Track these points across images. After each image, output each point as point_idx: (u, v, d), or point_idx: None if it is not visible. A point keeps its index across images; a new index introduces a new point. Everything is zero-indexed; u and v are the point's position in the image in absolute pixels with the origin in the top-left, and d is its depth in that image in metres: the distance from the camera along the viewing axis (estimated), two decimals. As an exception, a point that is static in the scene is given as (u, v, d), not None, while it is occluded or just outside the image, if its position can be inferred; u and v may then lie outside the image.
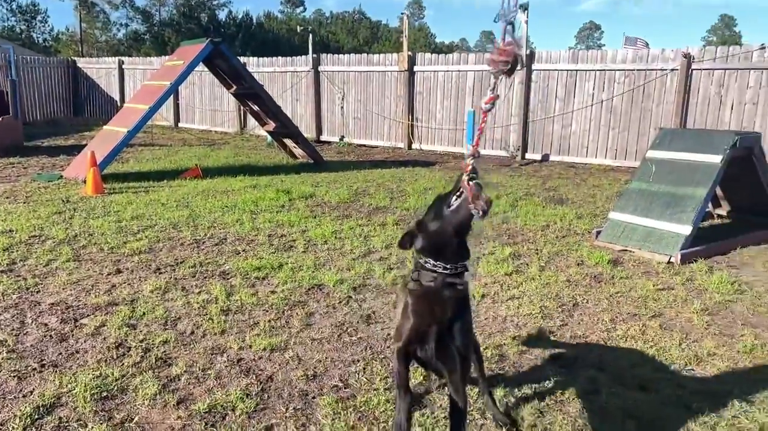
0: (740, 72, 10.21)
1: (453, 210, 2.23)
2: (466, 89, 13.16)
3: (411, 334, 2.28)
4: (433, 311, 2.26)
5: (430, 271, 2.26)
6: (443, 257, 2.25)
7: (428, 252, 2.28)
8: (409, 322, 2.30)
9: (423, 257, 2.30)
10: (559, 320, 3.94)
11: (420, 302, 2.30)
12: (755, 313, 4.11)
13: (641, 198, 5.86)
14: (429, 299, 2.27)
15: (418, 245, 2.33)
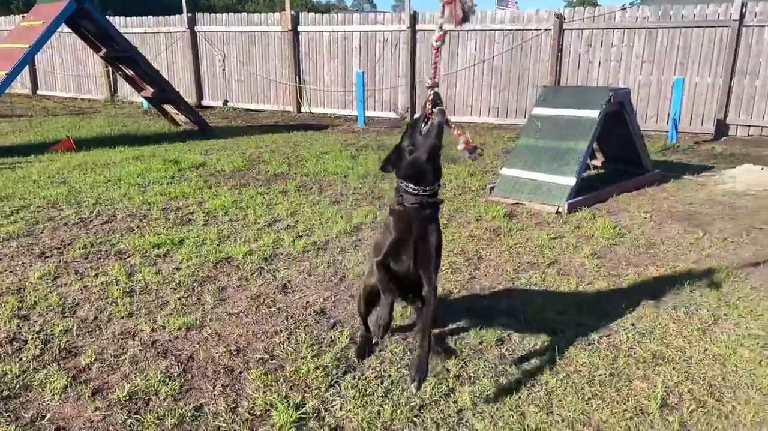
0: (605, 32, 10.99)
1: (424, 135, 2.52)
2: (352, 51, 13.04)
3: (390, 246, 2.64)
4: (412, 225, 2.61)
5: (412, 194, 2.59)
6: (422, 181, 2.57)
7: (409, 178, 2.60)
8: (390, 236, 2.65)
9: (404, 182, 2.61)
10: (467, 274, 4.13)
11: (401, 219, 2.63)
12: (635, 254, 4.56)
13: (529, 154, 6.22)
14: (410, 216, 2.60)
15: (400, 173, 2.63)
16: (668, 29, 10.49)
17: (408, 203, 2.60)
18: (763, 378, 2.82)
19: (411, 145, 2.56)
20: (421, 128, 2.54)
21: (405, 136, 2.62)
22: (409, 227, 2.60)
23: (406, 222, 2.61)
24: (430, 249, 2.64)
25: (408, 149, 2.58)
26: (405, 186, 2.60)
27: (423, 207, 2.60)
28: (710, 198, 6.19)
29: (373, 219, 5.35)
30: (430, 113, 2.52)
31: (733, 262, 4.35)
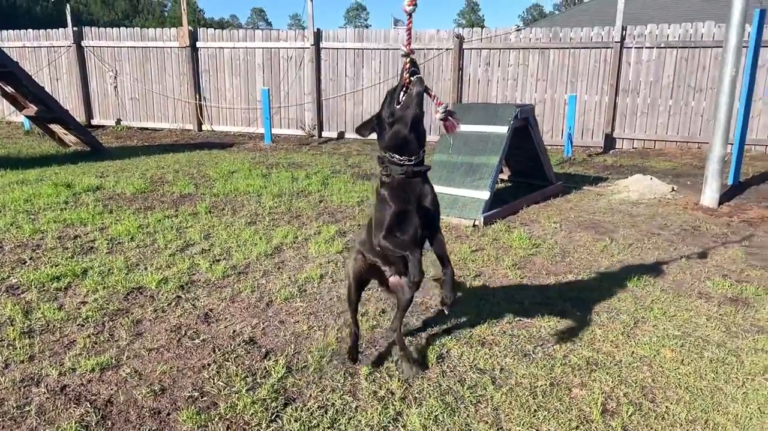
0: (502, 51, 11.54)
1: (404, 105, 2.50)
2: (255, 67, 12.77)
3: (392, 219, 2.58)
4: (408, 194, 2.60)
5: (397, 165, 2.58)
6: (406, 151, 2.56)
7: (393, 149, 2.57)
8: (390, 208, 2.59)
9: (389, 153, 2.59)
10: (398, 292, 4.07)
11: (396, 190, 2.60)
12: (553, 263, 4.73)
13: (444, 169, 6.33)
14: (403, 186, 2.59)
15: (383, 144, 2.61)
16: (559, 50, 11.18)
17: (395, 174, 2.58)
18: (687, 377, 2.98)
19: (390, 116, 2.53)
20: (399, 97, 2.51)
21: (384, 105, 2.59)
22: (406, 195, 2.59)
23: (400, 192, 2.59)
24: (430, 209, 2.68)
25: (388, 120, 2.54)
26: (390, 156, 2.58)
27: (410, 176, 2.59)
28: (610, 207, 6.59)
29: (294, 239, 5.18)
30: (407, 82, 2.48)
31: (640, 266, 4.62)
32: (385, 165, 2.63)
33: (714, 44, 10.39)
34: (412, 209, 2.60)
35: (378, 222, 2.64)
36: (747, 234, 5.56)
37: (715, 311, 3.79)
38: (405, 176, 2.58)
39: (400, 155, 2.56)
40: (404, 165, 2.58)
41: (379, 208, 2.66)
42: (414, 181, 2.61)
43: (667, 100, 10.83)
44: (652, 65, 10.79)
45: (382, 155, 2.65)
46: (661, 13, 16.09)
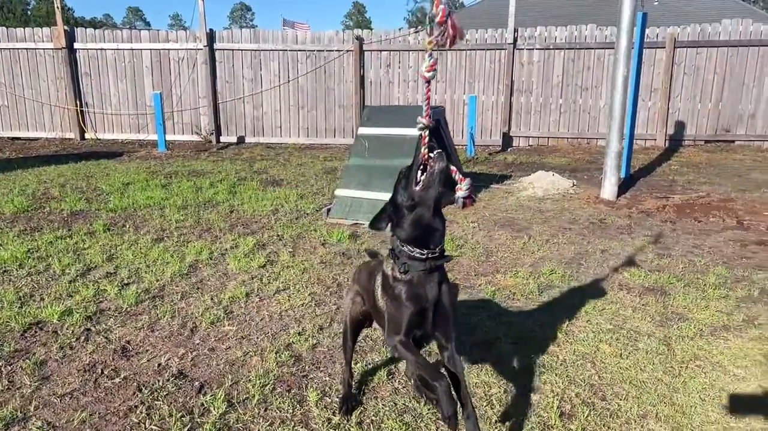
0: (401, 53, 11.62)
1: (424, 186, 2.13)
2: (143, 70, 11.95)
3: (411, 320, 2.24)
4: (426, 293, 2.24)
5: (418, 260, 2.21)
6: (431, 241, 2.21)
7: (414, 240, 2.20)
8: (406, 310, 2.24)
9: (407, 247, 2.22)
10: (333, 304, 3.89)
11: (413, 288, 2.24)
12: (479, 263, 4.76)
13: (361, 173, 6.20)
14: (422, 284, 2.24)
15: (403, 235, 2.22)
16: (456, 51, 11.44)
17: (415, 271, 2.20)
18: (629, 371, 3.06)
19: (410, 199, 2.15)
20: (416, 177, 2.15)
21: (399, 188, 2.23)
22: (424, 295, 2.23)
23: (419, 292, 2.23)
24: (448, 312, 2.29)
25: (407, 204, 2.17)
26: (409, 251, 2.19)
27: (432, 271, 2.22)
28: (520, 204, 6.79)
29: (210, 255, 4.83)
30: (426, 159, 2.13)
31: (561, 262, 4.77)
32: (401, 262, 2.22)
33: (597, 46, 11.09)
34: (429, 307, 2.24)
35: (393, 322, 2.28)
36: (648, 224, 5.93)
37: (638, 301, 3.96)
38: (425, 272, 2.21)
39: (422, 247, 2.18)
40: (427, 259, 2.19)
41: (391, 305, 2.28)
42: (436, 278, 2.25)
43: (557, 99, 11.43)
44: (543, 66, 11.34)
45: (398, 248, 2.23)
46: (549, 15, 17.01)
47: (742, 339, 3.40)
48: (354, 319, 2.72)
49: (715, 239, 5.43)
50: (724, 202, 6.88)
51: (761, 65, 10.82)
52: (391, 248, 2.30)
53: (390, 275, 2.29)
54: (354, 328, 2.75)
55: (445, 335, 2.31)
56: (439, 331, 2.30)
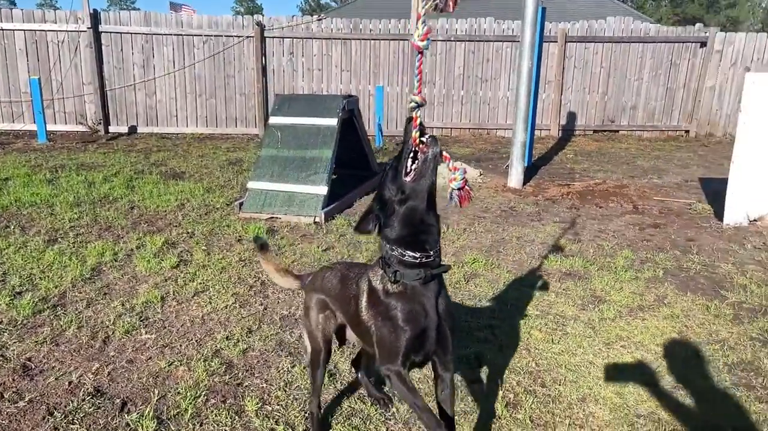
0: (305, 41, 11.34)
1: (416, 176, 1.84)
2: (16, 53, 10.76)
3: (409, 346, 1.93)
4: (426, 309, 1.93)
5: (411, 266, 1.89)
6: (426, 241, 1.89)
7: (406, 241, 1.88)
8: (403, 333, 1.91)
9: (397, 249, 1.89)
10: (259, 305, 3.68)
11: (409, 304, 1.92)
12: (403, 255, 4.72)
13: (275, 164, 5.96)
14: (419, 298, 1.92)
15: (393, 236, 1.89)
16: (360, 41, 11.35)
17: (409, 280, 1.89)
18: (562, 356, 3.15)
19: (400, 192, 1.86)
20: (407, 166, 1.85)
21: (386, 182, 1.92)
22: (423, 312, 1.92)
23: (416, 309, 1.91)
24: (447, 332, 1.99)
25: (397, 198, 1.87)
26: (400, 255, 1.88)
27: (429, 280, 1.91)
28: (434, 194, 6.85)
29: (114, 257, 4.41)
30: (417, 144, 1.83)
31: (481, 250, 4.85)
32: (392, 265, 1.91)
33: (495, 38, 11.45)
34: (429, 326, 1.93)
35: (386, 347, 1.95)
36: (555, 211, 6.19)
37: (559, 286, 4.11)
38: (422, 282, 1.90)
39: (414, 250, 1.87)
40: (422, 265, 1.88)
41: (383, 327, 1.95)
42: (435, 289, 1.94)
43: (459, 90, 11.68)
44: (445, 57, 11.53)
45: (387, 253, 1.91)
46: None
47: (657, 318, 3.62)
48: (327, 339, 2.35)
49: (616, 223, 5.77)
50: (619, 188, 7.35)
51: (641, 61, 11.68)
52: (381, 257, 1.97)
53: (380, 288, 1.97)
54: (327, 350, 2.36)
55: (443, 362, 2.03)
56: (437, 356, 2.01)
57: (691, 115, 11.80)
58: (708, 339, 3.34)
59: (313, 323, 2.37)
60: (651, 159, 9.45)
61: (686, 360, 3.12)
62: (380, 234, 1.95)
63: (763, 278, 4.31)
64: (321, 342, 2.35)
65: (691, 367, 3.04)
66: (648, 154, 9.94)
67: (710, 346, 3.26)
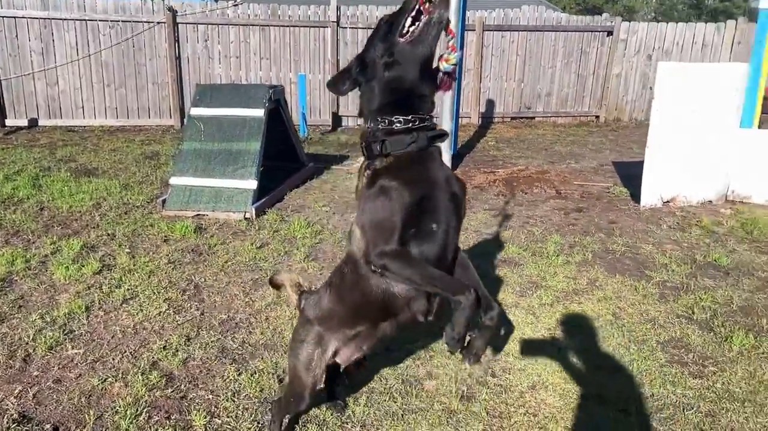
0: (221, 27, 10.88)
1: (415, 39, 1.63)
2: None
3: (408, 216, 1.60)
4: (428, 175, 1.65)
5: (402, 131, 1.66)
6: (419, 106, 1.69)
7: (394, 106, 1.67)
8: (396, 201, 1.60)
9: (384, 117, 1.68)
10: (195, 310, 3.49)
11: (404, 170, 1.64)
12: (342, 249, 4.64)
13: (198, 159, 5.67)
14: (416, 167, 1.66)
15: (373, 105, 1.68)
16: (279, 27, 11.03)
17: (398, 149, 1.65)
18: (508, 344, 3.20)
19: (388, 54, 1.65)
20: (404, 25, 1.65)
21: (375, 40, 1.71)
22: (423, 177, 1.65)
23: (411, 172, 1.64)
24: (460, 205, 1.74)
25: (383, 61, 1.66)
26: (387, 124, 1.67)
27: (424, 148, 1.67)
28: (365, 184, 6.79)
29: (26, 265, 4.04)
30: (423, 3, 1.62)
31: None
32: (377, 140, 1.69)
33: (415, 27, 11.48)
34: (439, 193, 1.65)
35: (377, 227, 1.65)
36: (484, 198, 6.31)
37: (497, 273, 4.18)
38: (417, 150, 1.67)
39: (405, 112, 1.66)
40: (413, 130, 1.66)
41: (373, 207, 1.67)
42: (431, 154, 1.71)
43: (382, 79, 11.64)
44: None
45: (371, 124, 1.71)
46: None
47: (592, 301, 3.76)
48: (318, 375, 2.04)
49: (542, 209, 5.96)
50: (541, 174, 7.60)
51: (554, 49, 12.12)
52: (364, 129, 1.73)
53: (367, 176, 1.71)
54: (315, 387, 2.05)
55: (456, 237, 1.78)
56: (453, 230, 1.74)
57: (600, 101, 12.39)
58: (640, 319, 3.51)
59: (303, 358, 2.05)
60: (567, 144, 9.85)
61: (624, 341, 3.25)
62: (363, 99, 1.76)
63: (681, 256, 4.59)
64: (315, 379, 2.04)
65: (629, 348, 3.18)
66: (564, 139, 10.35)
67: (643, 326, 3.43)
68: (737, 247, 4.81)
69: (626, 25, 12.20)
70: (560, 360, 3.03)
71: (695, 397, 2.74)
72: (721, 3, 43.25)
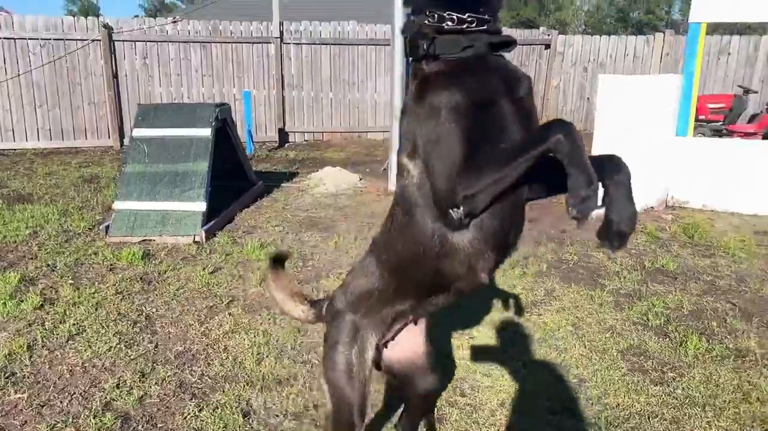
0: (160, 44, 10.59)
1: None
2: None
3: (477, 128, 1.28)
4: (490, 78, 1.32)
5: (454, 32, 1.33)
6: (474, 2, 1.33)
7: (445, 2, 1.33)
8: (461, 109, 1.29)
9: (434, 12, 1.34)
10: (148, 343, 3.32)
11: (463, 74, 1.31)
12: (299, 270, 4.54)
13: (143, 181, 5.45)
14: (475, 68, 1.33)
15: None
16: (221, 44, 10.84)
17: (448, 51, 1.35)
18: (474, 361, 3.18)
19: None
20: None
21: None
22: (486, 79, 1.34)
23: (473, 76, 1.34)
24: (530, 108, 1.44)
25: None
26: (437, 21, 1.36)
27: (482, 53, 1.37)
28: (317, 202, 6.71)
29: (-43, 303, 3.74)
30: None
31: (376, 258, 4.80)
32: (425, 37, 1.39)
33: (359, 42, 11.51)
34: (506, 101, 1.35)
35: (440, 158, 1.34)
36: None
37: (457, 289, 4.17)
38: (475, 56, 1.36)
39: (461, 9, 1.34)
40: (473, 32, 1.35)
41: (432, 131, 1.35)
42: (495, 59, 1.41)
43: (328, 94, 11.59)
44: (311, 61, 11.38)
45: (419, 26, 1.40)
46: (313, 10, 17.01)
47: (551, 313, 3.80)
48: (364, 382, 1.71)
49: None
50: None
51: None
52: (412, 32, 1.42)
53: (413, 85, 1.44)
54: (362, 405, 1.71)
55: None
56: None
57: (541, 112, 12.74)
58: (599, 328, 3.58)
59: (340, 368, 1.70)
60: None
61: (585, 352, 3.30)
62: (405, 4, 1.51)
63: (631, 263, 4.72)
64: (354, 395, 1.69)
65: (591, 358, 3.22)
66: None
67: (602, 335, 3.49)
68: (681, 251, 5.00)
69: (563, 38, 12.64)
70: (527, 375, 3.03)
71: (658, 404, 2.80)
72: (645, 16, 45.63)
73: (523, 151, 1.26)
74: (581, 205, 1.22)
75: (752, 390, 2.91)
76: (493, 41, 1.38)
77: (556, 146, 1.23)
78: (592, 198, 1.22)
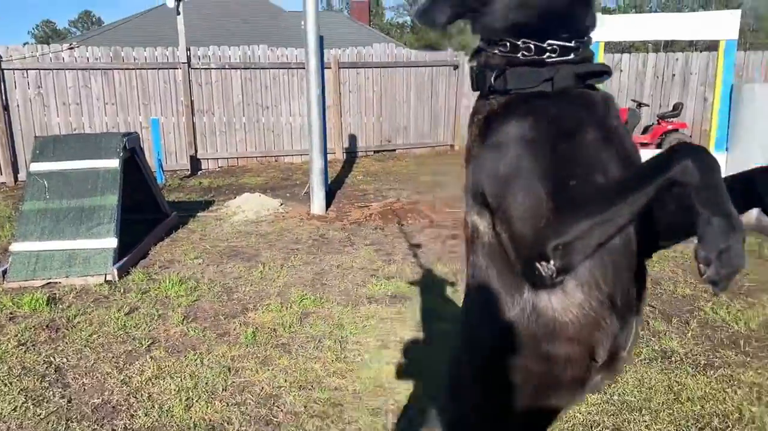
0: (56, 72, 9.95)
1: None
2: None
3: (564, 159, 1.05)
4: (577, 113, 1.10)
5: (530, 62, 1.12)
6: (569, 25, 1.13)
7: (521, 30, 1.13)
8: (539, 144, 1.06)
9: (506, 40, 1.14)
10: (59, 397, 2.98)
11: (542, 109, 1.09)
12: (223, 304, 4.30)
13: (45, 219, 5.01)
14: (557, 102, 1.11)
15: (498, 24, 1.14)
16: (124, 70, 10.34)
17: (522, 85, 1.14)
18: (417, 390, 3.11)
19: None
20: None
21: None
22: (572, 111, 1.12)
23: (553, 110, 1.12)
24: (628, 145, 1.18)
25: None
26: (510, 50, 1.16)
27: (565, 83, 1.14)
28: (237, 230, 6.46)
29: None
30: None
31: (305, 285, 4.65)
32: (493, 67, 1.18)
33: (270, 66, 11.35)
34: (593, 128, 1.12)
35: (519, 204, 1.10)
36: (363, 234, 6.27)
37: (391, 311, 4.11)
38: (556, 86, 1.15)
39: (541, 37, 1.14)
40: (553, 62, 1.15)
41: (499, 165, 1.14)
42: (584, 93, 1.17)
43: (241, 119, 11.31)
44: (221, 86, 11.09)
45: (487, 56, 1.21)
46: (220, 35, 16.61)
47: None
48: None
49: (420, 239, 6.04)
50: (412, 204, 7.75)
51: (407, 84, 12.62)
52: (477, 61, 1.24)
53: (475, 123, 1.22)
54: None
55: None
56: None
57: (453, 131, 13.09)
58: (534, 340, 3.61)
59: None
60: (430, 174, 10.19)
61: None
62: (478, 21, 1.21)
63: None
64: None
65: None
66: (425, 169, 10.72)
67: (537, 346, 3.52)
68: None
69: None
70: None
71: (599, 413, 2.84)
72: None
73: (635, 183, 1.02)
74: (718, 262, 0.91)
75: (682, 390, 3.02)
76: (579, 72, 1.15)
77: (683, 176, 0.96)
78: (735, 250, 0.90)
